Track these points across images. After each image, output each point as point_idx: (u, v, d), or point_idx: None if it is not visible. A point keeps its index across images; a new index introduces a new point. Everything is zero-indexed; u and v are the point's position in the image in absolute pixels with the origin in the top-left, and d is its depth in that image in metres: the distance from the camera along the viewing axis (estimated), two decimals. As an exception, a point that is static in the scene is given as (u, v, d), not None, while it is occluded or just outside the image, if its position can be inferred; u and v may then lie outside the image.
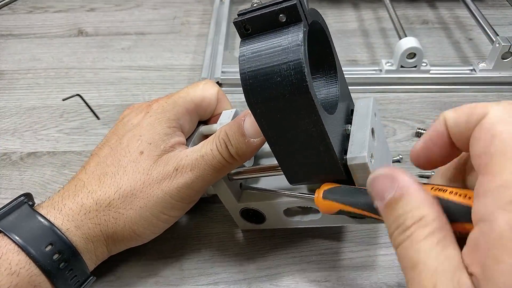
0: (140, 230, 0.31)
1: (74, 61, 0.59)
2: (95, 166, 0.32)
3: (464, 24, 0.65)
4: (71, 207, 0.30)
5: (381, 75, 0.52)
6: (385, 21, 0.65)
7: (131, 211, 0.30)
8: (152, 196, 0.30)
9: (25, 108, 0.52)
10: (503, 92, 0.52)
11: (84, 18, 0.68)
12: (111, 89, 0.54)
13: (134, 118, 0.34)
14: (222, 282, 0.34)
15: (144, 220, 0.30)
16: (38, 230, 0.28)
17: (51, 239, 0.28)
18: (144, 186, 0.30)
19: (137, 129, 0.32)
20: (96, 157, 0.32)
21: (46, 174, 0.43)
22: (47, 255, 0.27)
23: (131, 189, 0.30)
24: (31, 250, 0.27)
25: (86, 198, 0.30)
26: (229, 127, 0.30)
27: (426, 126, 0.47)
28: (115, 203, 0.30)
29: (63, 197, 0.30)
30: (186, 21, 0.67)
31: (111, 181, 0.30)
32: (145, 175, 0.30)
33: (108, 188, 0.30)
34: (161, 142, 0.31)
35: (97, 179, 0.31)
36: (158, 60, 0.59)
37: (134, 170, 0.30)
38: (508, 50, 0.49)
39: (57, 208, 0.30)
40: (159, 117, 0.33)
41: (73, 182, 0.32)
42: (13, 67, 0.59)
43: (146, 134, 0.32)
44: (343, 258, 0.35)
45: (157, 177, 0.30)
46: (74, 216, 0.29)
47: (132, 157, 0.31)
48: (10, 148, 0.47)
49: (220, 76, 0.52)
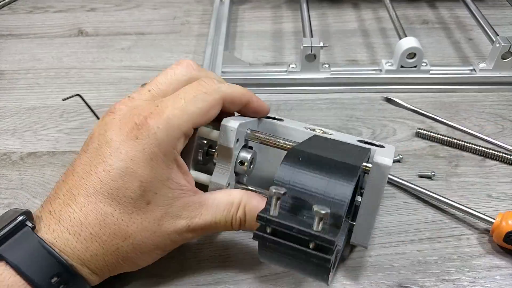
0: (143, 264, 0.32)
1: (74, 61, 0.59)
2: (85, 197, 0.28)
3: (464, 24, 0.65)
4: (75, 246, 0.28)
5: (381, 75, 0.52)
6: (385, 21, 0.65)
7: (140, 254, 0.30)
8: (160, 243, 0.31)
9: (25, 108, 0.52)
10: (503, 92, 0.52)
11: (84, 18, 0.68)
12: (111, 89, 0.54)
13: (118, 137, 0.29)
14: (222, 281, 0.34)
15: (151, 257, 0.32)
16: (44, 262, 0.27)
17: (58, 271, 0.27)
18: (155, 236, 0.30)
19: (132, 166, 0.28)
20: (83, 183, 0.29)
21: (46, 174, 0.43)
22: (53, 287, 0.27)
23: (142, 237, 0.30)
24: (38, 283, 0.26)
25: (90, 241, 0.28)
26: (249, 208, 0.31)
27: (426, 126, 0.47)
28: (124, 250, 0.29)
29: (61, 228, 0.28)
30: (186, 21, 0.67)
31: (116, 227, 0.29)
32: (155, 226, 0.30)
33: (115, 235, 0.29)
34: (166, 190, 0.29)
35: (95, 218, 0.28)
36: (158, 60, 0.59)
37: (143, 220, 0.29)
38: (508, 50, 0.49)
39: (59, 241, 0.28)
40: (154, 151, 0.29)
41: (64, 208, 0.29)
42: (13, 67, 0.59)
43: (147, 179, 0.29)
44: (343, 258, 0.35)
45: (168, 229, 0.30)
46: (79, 256, 0.28)
47: (137, 206, 0.29)
48: (10, 148, 0.47)
49: (220, 76, 0.52)
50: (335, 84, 0.52)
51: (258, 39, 0.63)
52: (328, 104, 0.51)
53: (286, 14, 0.69)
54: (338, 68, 0.52)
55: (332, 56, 0.59)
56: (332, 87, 0.53)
